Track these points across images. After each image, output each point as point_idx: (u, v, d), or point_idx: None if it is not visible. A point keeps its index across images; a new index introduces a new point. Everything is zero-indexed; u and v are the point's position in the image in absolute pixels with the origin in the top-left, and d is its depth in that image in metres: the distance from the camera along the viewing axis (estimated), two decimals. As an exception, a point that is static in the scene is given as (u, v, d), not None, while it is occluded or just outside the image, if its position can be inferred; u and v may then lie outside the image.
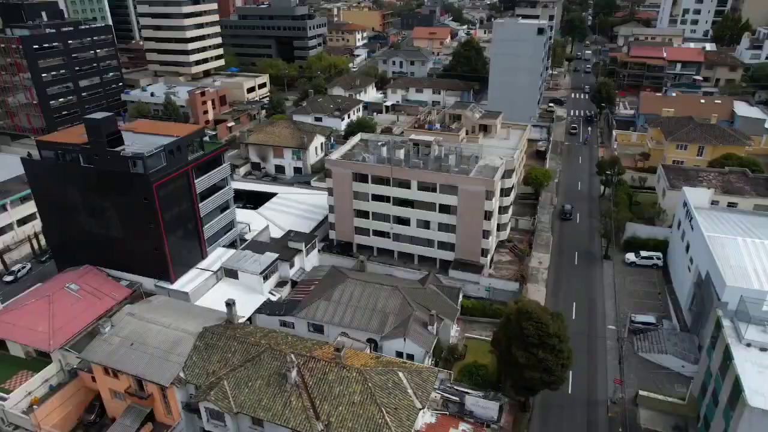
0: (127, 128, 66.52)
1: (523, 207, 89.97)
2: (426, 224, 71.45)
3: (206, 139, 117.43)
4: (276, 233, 78.42)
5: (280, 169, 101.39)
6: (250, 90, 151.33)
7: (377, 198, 72.51)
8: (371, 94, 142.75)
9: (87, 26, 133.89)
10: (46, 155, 62.22)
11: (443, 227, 70.53)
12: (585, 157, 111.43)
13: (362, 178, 72.23)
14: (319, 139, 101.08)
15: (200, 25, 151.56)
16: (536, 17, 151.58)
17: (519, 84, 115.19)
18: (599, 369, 57.62)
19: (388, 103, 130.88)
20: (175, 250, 63.43)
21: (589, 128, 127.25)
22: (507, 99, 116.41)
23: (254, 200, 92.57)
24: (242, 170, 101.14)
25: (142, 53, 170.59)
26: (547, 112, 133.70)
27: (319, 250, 75.14)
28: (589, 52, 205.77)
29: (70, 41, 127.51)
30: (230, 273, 66.75)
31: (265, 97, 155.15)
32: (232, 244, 74.36)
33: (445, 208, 69.24)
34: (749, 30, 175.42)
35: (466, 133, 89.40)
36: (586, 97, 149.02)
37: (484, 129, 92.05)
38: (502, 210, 74.65)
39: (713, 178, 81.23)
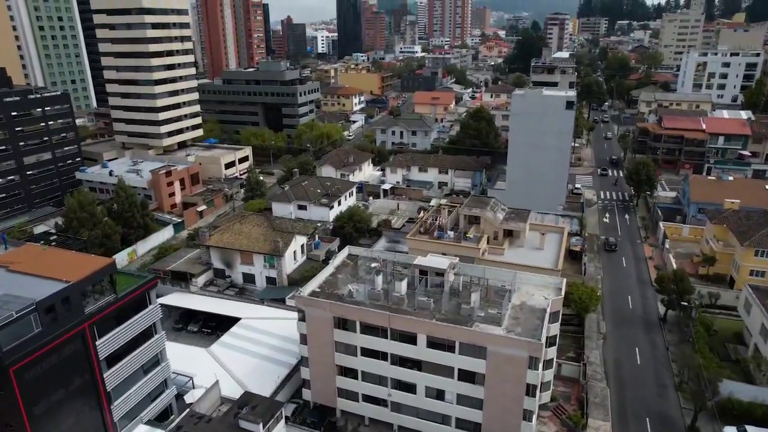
0: (3, 262, 45.66)
1: (563, 338, 68.06)
2: (439, 394, 49.53)
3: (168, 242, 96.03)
4: (230, 388, 56.62)
5: (249, 278, 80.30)
6: (229, 165, 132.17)
7: (369, 353, 50.86)
8: (367, 172, 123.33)
9: (38, 95, 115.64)
10: None
11: (464, 400, 48.54)
12: (629, 258, 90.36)
13: (348, 324, 50.85)
14: (298, 241, 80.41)
15: (175, 93, 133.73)
16: (554, 84, 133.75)
17: (544, 166, 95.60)
18: None
19: (387, 186, 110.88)
20: (57, 454, 41.38)
21: (626, 216, 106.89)
22: (529, 183, 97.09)
23: (214, 319, 71.80)
24: (201, 279, 79.96)
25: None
26: (574, 195, 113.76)
27: (287, 419, 52.98)
28: (607, 117, 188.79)
29: (14, 113, 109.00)
30: (148, 477, 44.57)
31: (246, 172, 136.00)
32: (163, 415, 52.38)
33: (467, 375, 47.46)
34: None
35: (488, 242, 68.70)
36: (619, 174, 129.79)
37: (510, 234, 71.51)
38: (545, 364, 52.81)
39: (826, 308, 59.86)
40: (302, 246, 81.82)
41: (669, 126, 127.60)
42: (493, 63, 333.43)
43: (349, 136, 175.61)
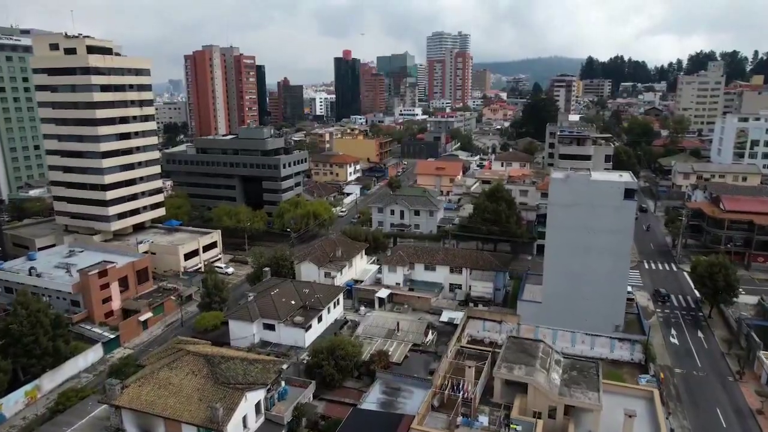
0: None
1: None
2: None
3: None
4: None
5: (176, 455, 53.82)
6: (191, 255, 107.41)
7: None
8: (359, 267, 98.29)
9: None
10: None
11: None
12: (726, 410, 63.69)
13: None
14: (252, 398, 54.46)
15: (129, 167, 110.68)
16: (587, 158, 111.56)
17: (594, 274, 70.82)
18: None
19: (383, 294, 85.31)
20: None
21: (699, 333, 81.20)
22: (573, 295, 72.28)
23: None
24: (105, 457, 53.57)
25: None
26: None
27: None
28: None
29: None
30: None
31: (213, 261, 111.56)
32: None
33: None
34: None
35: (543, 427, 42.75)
36: (672, 267, 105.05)
37: (572, 406, 45.69)
38: None
39: None
40: (258, 403, 55.77)
41: (732, 209, 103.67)
42: (499, 127, 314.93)
43: (342, 211, 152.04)
